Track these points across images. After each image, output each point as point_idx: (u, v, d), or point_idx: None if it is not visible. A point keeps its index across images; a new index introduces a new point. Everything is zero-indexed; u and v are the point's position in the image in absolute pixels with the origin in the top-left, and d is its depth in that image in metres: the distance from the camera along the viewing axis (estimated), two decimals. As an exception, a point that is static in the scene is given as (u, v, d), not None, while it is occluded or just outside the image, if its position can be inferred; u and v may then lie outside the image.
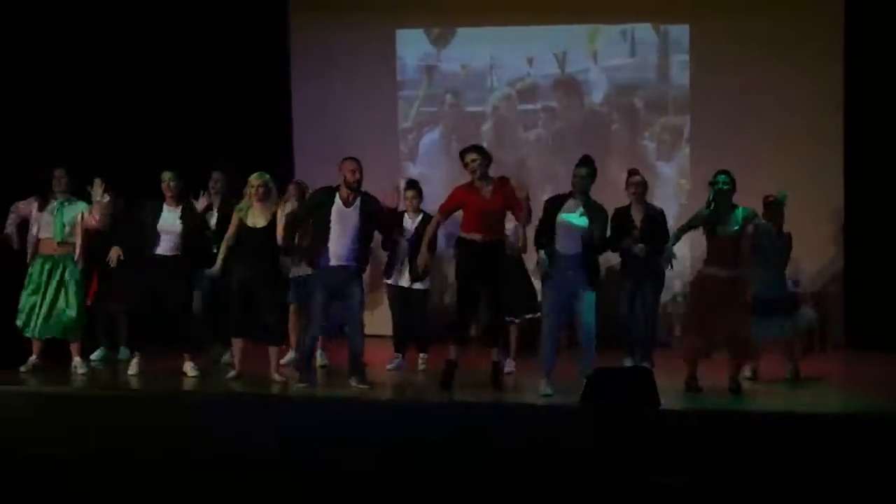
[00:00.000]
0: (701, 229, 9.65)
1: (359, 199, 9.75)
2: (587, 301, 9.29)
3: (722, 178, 9.46)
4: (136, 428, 8.82)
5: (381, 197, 9.84)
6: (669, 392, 9.04)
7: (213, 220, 10.81)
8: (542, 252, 9.41)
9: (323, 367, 10.86)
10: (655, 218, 10.64)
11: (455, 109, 13.29)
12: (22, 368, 10.51)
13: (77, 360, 10.59)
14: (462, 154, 9.82)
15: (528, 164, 12.97)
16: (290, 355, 11.01)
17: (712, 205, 9.48)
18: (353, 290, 9.72)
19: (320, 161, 12.47)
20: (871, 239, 11.94)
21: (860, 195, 12.01)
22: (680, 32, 12.73)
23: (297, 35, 13.45)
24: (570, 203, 9.43)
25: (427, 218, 10.59)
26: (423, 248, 10.00)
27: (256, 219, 9.99)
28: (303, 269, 10.58)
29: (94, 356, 11.22)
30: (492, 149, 12.81)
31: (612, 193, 11.23)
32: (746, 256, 9.52)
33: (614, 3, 12.75)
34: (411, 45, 13.34)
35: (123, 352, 11.32)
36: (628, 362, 10.51)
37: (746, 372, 10.31)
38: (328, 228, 9.71)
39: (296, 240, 10.16)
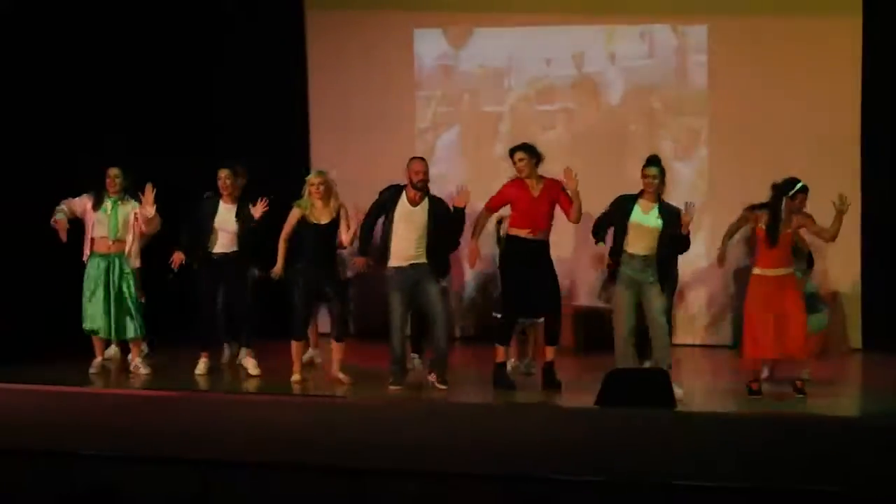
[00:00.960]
0: (749, 228, 9.56)
1: (426, 200, 9.73)
2: (658, 300, 9.26)
3: (801, 196, 9.36)
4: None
5: (448, 199, 9.89)
6: (689, 392, 9.07)
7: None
8: (601, 244, 9.42)
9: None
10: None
11: (472, 109, 13.27)
12: (91, 370, 10.58)
13: (137, 360, 10.63)
14: (511, 152, 9.86)
15: (545, 165, 12.91)
16: (311, 352, 11.08)
17: (779, 213, 9.34)
18: (429, 287, 9.71)
19: (337, 160, 12.48)
20: (889, 239, 11.90)
21: (878, 195, 11.96)
22: (698, 33, 12.69)
23: (314, 34, 13.45)
24: (643, 203, 9.35)
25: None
26: (473, 242, 10.04)
27: (320, 216, 9.99)
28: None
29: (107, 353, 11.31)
30: (508, 149, 12.93)
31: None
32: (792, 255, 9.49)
33: (632, 3, 12.73)
34: (429, 45, 13.33)
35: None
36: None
37: (765, 373, 10.33)
38: (391, 228, 9.71)
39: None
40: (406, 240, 9.68)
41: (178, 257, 10.41)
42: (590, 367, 10.27)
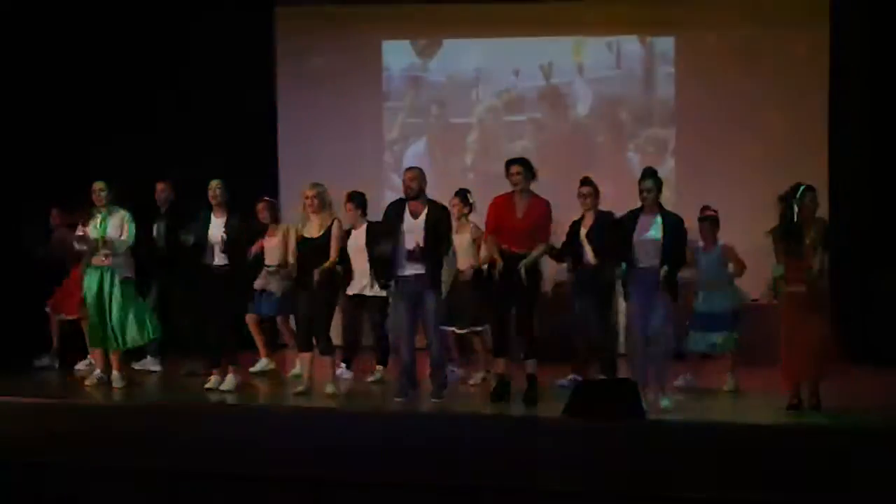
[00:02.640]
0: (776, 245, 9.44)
1: (426, 209, 9.66)
2: (662, 314, 9.26)
3: (809, 195, 9.32)
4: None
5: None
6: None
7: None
8: (622, 266, 9.37)
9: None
10: (603, 226, 10.21)
11: (441, 120, 13.29)
12: (87, 382, 10.45)
13: (115, 373, 10.46)
14: (507, 164, 9.74)
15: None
16: (262, 363, 11.10)
17: (794, 221, 9.20)
18: (427, 300, 9.60)
19: (305, 171, 12.42)
20: (855, 250, 11.91)
21: (845, 207, 11.97)
22: (665, 44, 12.77)
23: (282, 44, 13.46)
24: (644, 219, 9.34)
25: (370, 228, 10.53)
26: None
27: (311, 229, 9.85)
28: (267, 283, 10.89)
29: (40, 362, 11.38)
30: (477, 160, 12.97)
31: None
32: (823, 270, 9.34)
33: (600, 15, 12.75)
34: (397, 57, 13.35)
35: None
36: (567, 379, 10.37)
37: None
38: (400, 240, 9.63)
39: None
40: (407, 250, 9.62)
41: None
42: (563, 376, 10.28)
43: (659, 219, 9.27)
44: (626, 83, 12.84)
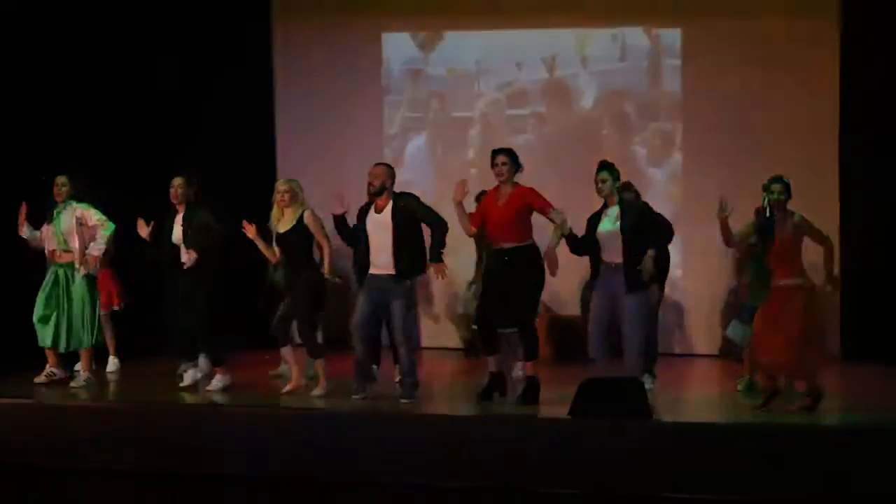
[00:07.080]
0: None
1: (390, 204, 9.45)
2: (628, 307, 9.04)
3: (777, 185, 9.05)
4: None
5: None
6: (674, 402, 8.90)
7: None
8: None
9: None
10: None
11: (441, 115, 13.06)
12: (37, 380, 10.19)
13: (84, 371, 10.24)
14: (494, 154, 9.55)
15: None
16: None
17: (767, 213, 9.02)
18: (394, 300, 9.39)
19: (303, 166, 12.31)
20: (867, 246, 11.74)
21: (856, 201, 11.81)
22: (672, 37, 12.51)
23: (280, 37, 13.26)
24: (606, 211, 9.23)
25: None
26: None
27: (284, 224, 9.78)
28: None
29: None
30: (479, 154, 12.76)
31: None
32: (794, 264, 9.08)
33: (605, 6, 12.51)
34: (397, 49, 13.12)
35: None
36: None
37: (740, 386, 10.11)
38: (367, 237, 9.49)
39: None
40: (376, 249, 9.45)
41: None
42: (565, 377, 10.02)
43: (615, 210, 9.13)
44: (632, 76, 12.59)
